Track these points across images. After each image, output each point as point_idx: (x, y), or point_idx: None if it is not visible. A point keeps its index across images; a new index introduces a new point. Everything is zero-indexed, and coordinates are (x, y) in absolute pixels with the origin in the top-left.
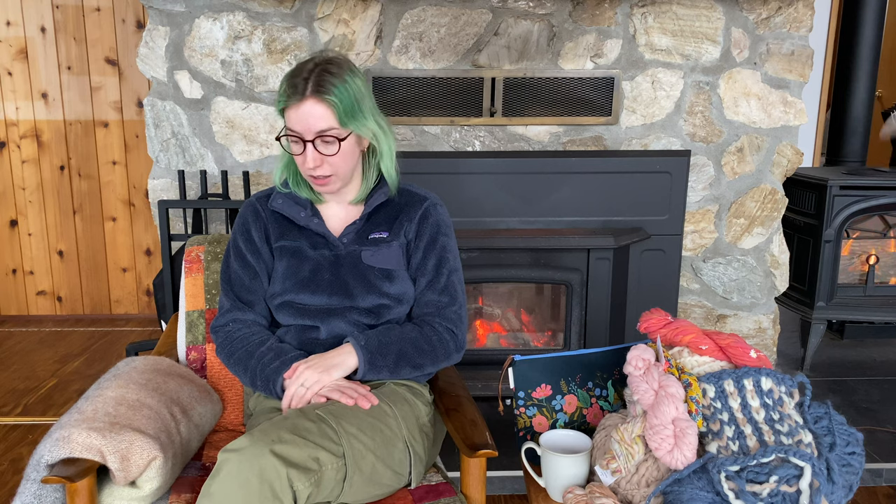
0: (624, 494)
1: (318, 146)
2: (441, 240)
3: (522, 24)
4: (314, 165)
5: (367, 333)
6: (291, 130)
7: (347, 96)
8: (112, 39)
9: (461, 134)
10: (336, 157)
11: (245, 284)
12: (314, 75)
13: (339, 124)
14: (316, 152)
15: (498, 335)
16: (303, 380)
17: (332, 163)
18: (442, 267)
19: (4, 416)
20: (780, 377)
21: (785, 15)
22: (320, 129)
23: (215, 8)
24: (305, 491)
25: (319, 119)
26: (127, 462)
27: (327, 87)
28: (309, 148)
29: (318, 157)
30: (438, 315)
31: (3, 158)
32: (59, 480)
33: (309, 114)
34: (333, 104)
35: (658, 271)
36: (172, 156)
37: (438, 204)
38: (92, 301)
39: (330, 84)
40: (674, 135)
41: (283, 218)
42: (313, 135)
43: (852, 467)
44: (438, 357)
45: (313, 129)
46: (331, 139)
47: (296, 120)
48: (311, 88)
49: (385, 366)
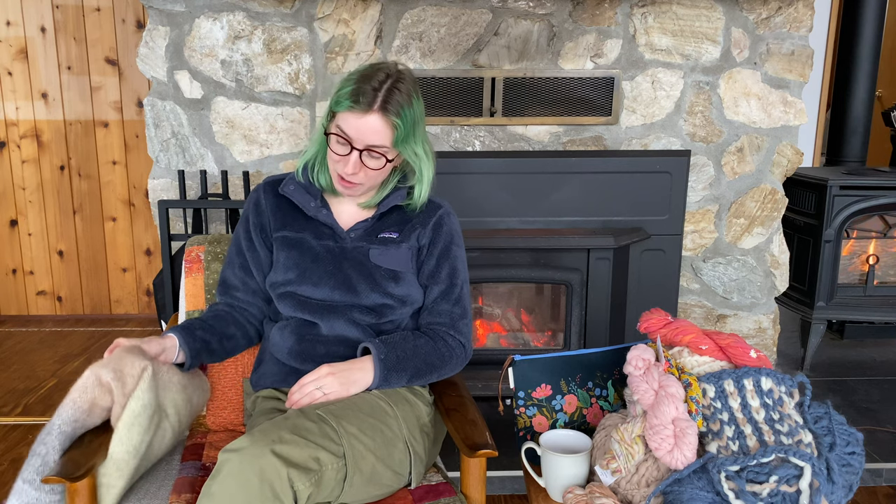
0: (624, 494)
1: (363, 157)
2: (454, 250)
3: (522, 24)
4: (352, 172)
5: (387, 344)
6: (343, 133)
7: (409, 121)
8: (112, 39)
9: (461, 134)
10: (376, 171)
11: (236, 273)
12: (385, 89)
13: (393, 145)
14: (360, 161)
15: (498, 335)
16: (323, 384)
17: (369, 174)
18: (456, 277)
19: (4, 416)
20: (780, 377)
21: (785, 15)
22: (374, 143)
23: (215, 8)
24: (306, 491)
25: (377, 134)
26: (121, 374)
27: (395, 108)
28: (354, 155)
29: (359, 166)
30: (452, 327)
31: (3, 158)
32: (59, 480)
33: (370, 127)
34: (396, 125)
35: (658, 271)
36: (172, 156)
37: (452, 213)
38: (92, 301)
39: (398, 105)
40: (674, 135)
41: (290, 206)
42: (364, 146)
43: (852, 467)
44: (445, 371)
45: (367, 141)
46: (378, 155)
47: (353, 127)
48: (380, 104)
49: (397, 382)
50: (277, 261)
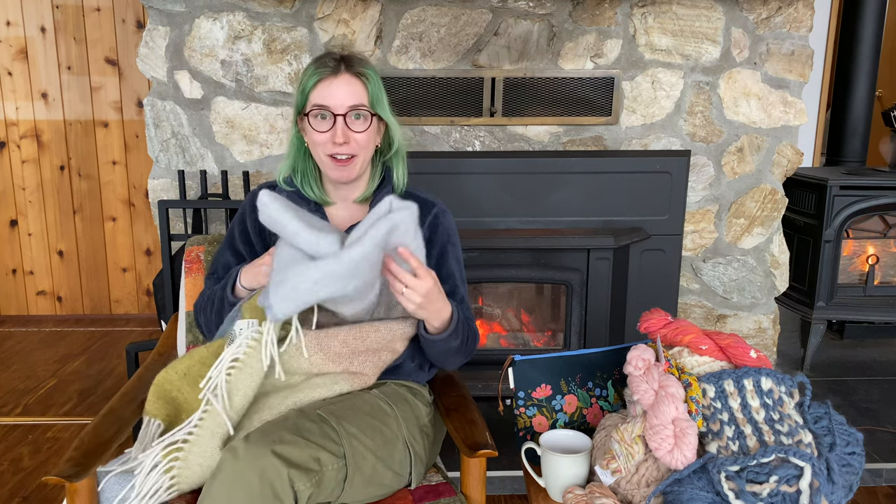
0: (624, 494)
1: (348, 122)
2: (451, 249)
3: (522, 24)
4: (343, 141)
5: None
6: (320, 105)
7: (376, 80)
8: (112, 39)
9: (461, 134)
10: (363, 135)
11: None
12: (342, 56)
13: (370, 105)
14: (346, 127)
15: (498, 335)
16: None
17: (359, 141)
18: (456, 277)
19: (4, 416)
20: (780, 377)
21: (785, 15)
22: (353, 103)
23: (215, 8)
24: (306, 491)
25: (353, 94)
26: None
27: (359, 66)
28: (339, 122)
29: (347, 133)
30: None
31: (3, 158)
32: (59, 481)
33: (344, 87)
34: (367, 81)
35: (658, 271)
36: (172, 156)
37: (447, 211)
38: (92, 301)
39: (361, 62)
40: (674, 135)
41: None
42: (346, 108)
43: (852, 467)
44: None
45: (346, 102)
46: (361, 113)
47: (328, 94)
48: (345, 65)
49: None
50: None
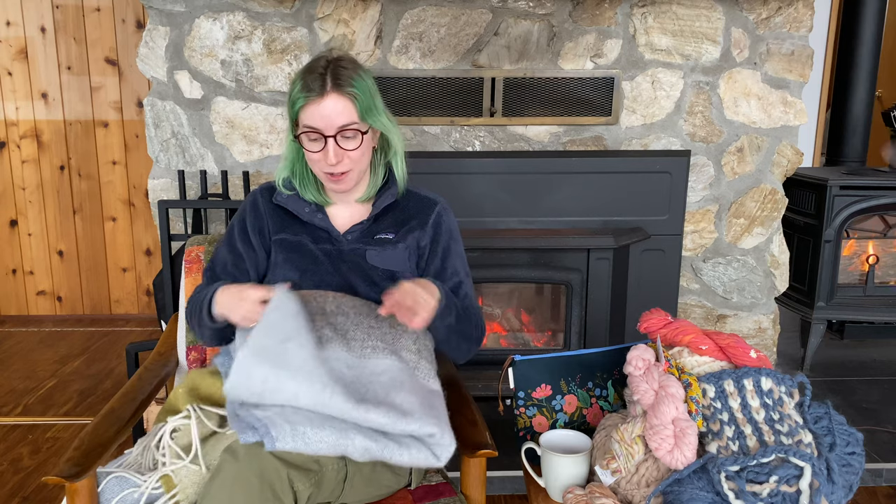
0: (624, 494)
1: (339, 141)
2: (454, 246)
3: (522, 24)
4: (336, 161)
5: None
6: (310, 127)
7: (366, 90)
8: (112, 39)
9: (461, 134)
10: (356, 151)
11: (227, 269)
12: (330, 70)
13: (360, 118)
14: (338, 147)
15: (498, 335)
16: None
17: (352, 157)
18: (461, 274)
19: (4, 416)
20: (780, 377)
21: (785, 15)
22: (342, 123)
23: (215, 8)
24: (306, 491)
25: (341, 114)
26: None
27: (346, 81)
28: (330, 143)
29: (339, 153)
30: None
31: (3, 158)
32: (59, 481)
33: (332, 109)
34: (354, 97)
35: (658, 271)
36: (172, 156)
37: (448, 208)
38: (92, 301)
39: (348, 77)
40: (674, 135)
41: (286, 213)
42: (335, 130)
43: (852, 467)
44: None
45: (335, 124)
46: (352, 133)
47: (317, 116)
48: (331, 83)
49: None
50: (276, 263)
